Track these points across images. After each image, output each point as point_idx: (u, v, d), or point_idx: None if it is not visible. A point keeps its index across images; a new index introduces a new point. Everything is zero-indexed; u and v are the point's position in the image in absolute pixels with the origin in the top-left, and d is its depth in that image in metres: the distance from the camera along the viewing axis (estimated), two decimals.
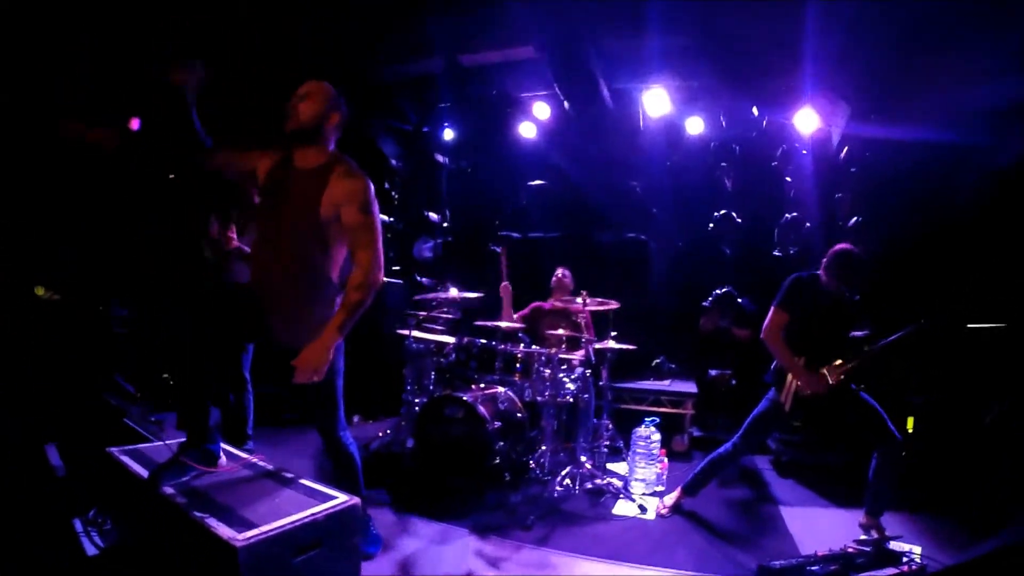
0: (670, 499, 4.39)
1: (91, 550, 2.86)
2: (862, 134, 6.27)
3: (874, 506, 3.92)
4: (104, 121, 2.96)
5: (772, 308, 4.03)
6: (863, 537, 3.73)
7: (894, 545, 3.38)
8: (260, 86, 4.98)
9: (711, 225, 7.68)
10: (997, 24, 4.71)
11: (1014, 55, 4.77)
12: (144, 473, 2.67)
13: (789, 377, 3.96)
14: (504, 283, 5.81)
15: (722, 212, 7.62)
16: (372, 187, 2.94)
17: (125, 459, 2.88)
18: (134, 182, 5.16)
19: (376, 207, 2.95)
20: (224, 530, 2.20)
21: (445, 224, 8.81)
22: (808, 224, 6.83)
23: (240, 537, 2.15)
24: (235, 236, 4.61)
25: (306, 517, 2.40)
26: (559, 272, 6.19)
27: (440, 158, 8.66)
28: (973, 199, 5.44)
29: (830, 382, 3.87)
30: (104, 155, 3.05)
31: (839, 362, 3.92)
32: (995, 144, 5.24)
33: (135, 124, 4.93)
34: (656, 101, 6.91)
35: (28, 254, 4.74)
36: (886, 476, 3.86)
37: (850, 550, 3.22)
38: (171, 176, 5.13)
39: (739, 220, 7.52)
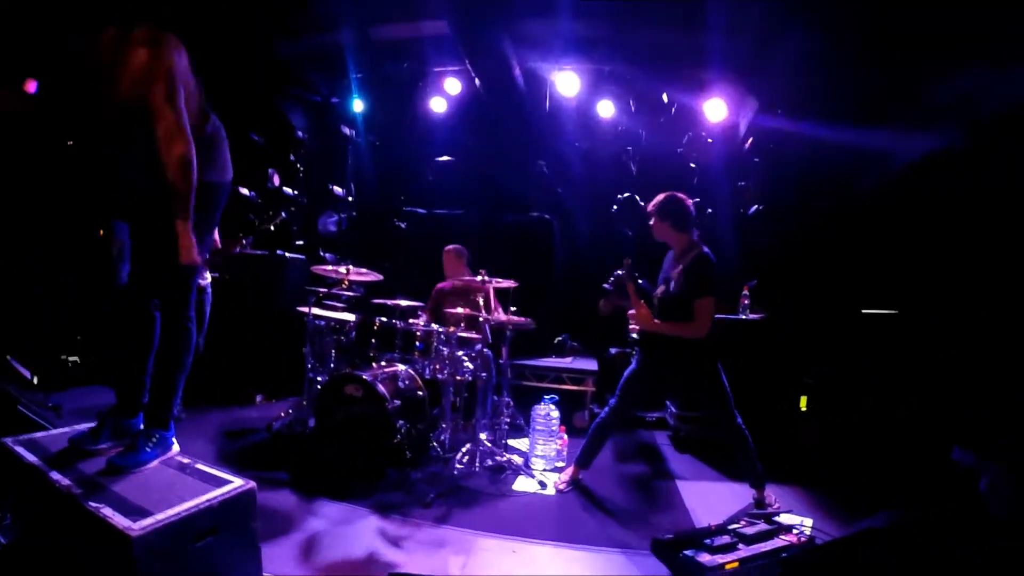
0: (566, 474, 4.53)
1: None
2: (768, 126, 6.56)
3: (750, 479, 4.18)
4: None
5: (709, 299, 4.01)
6: (755, 510, 3.96)
7: (785, 517, 3.57)
8: None
9: (615, 207, 7.86)
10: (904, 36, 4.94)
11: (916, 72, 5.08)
12: (37, 462, 2.60)
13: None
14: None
15: (626, 195, 7.81)
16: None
17: (20, 450, 2.75)
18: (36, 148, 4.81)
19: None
20: (119, 520, 2.17)
21: (350, 198, 8.64)
22: (710, 211, 7.11)
23: (136, 527, 2.13)
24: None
25: (202, 503, 2.39)
26: (447, 248, 6.12)
27: (347, 131, 8.46)
28: (870, 197, 5.81)
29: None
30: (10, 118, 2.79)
31: None
32: (892, 149, 5.59)
33: (31, 87, 4.55)
34: (567, 83, 6.99)
35: None
36: (738, 452, 4.13)
37: (742, 522, 3.36)
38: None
39: (642, 203, 7.74)
